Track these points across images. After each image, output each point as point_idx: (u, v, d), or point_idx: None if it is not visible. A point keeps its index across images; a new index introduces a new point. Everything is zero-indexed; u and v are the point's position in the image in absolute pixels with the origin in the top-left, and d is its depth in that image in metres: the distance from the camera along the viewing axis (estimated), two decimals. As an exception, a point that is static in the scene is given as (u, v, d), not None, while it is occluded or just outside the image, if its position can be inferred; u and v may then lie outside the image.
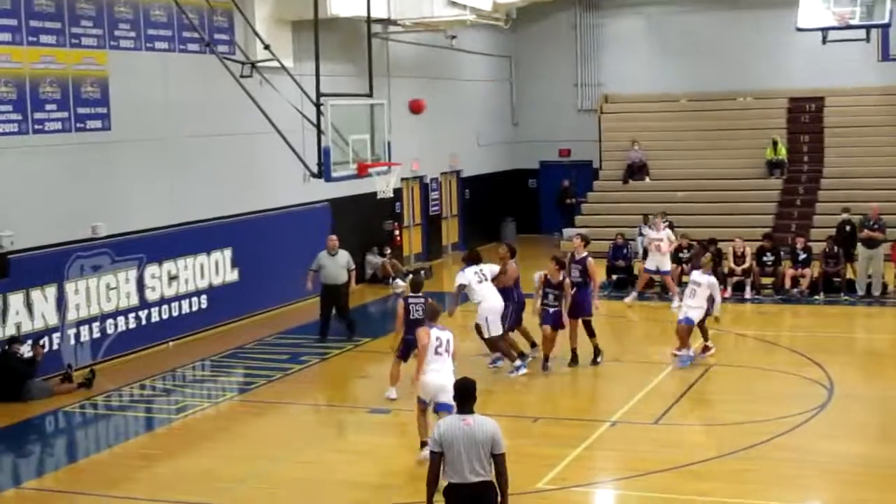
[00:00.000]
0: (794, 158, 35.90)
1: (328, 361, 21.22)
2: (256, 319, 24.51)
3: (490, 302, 19.39)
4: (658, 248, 26.08)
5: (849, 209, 28.09)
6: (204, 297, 23.54)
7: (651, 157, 36.91)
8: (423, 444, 13.81)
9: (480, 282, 19.51)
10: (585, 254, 20.30)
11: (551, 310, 19.39)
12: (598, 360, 19.96)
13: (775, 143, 35.41)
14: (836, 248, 26.59)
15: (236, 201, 24.68)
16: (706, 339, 20.22)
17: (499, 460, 9.71)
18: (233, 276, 24.39)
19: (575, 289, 19.85)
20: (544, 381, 19.39)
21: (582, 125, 39.17)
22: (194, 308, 23.27)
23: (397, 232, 31.95)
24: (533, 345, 20.33)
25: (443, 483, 9.82)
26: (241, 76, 22.46)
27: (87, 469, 15.34)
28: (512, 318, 19.78)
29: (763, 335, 22.69)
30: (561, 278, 19.59)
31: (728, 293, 26.53)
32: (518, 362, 19.41)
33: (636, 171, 36.68)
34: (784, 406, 17.03)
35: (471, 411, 9.85)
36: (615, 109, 39.05)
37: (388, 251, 30.19)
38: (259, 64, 22.74)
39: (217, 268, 24.00)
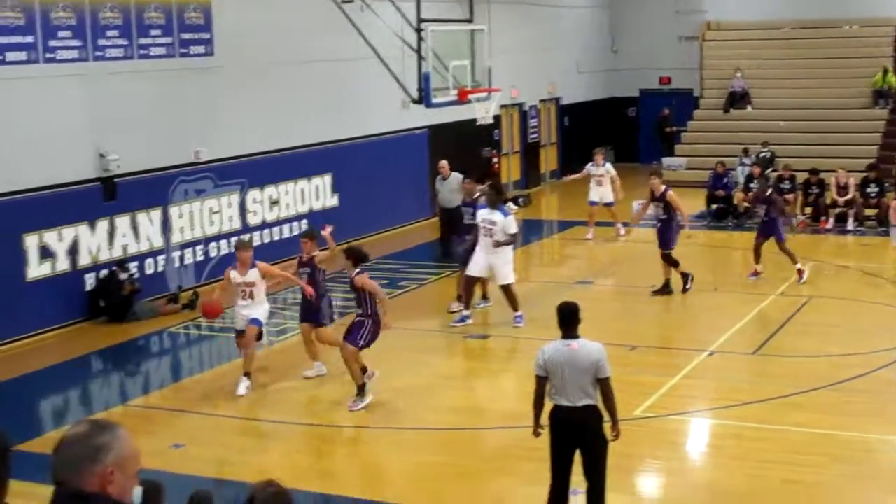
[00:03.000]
0: (901, 88, 35.10)
1: (425, 287, 21.38)
2: (356, 244, 24.66)
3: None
4: (600, 183, 25.77)
5: None
6: (304, 221, 23.80)
7: (753, 86, 36.31)
8: None
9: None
10: (664, 188, 20.05)
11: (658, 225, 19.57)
12: (688, 286, 19.85)
13: (886, 72, 34.56)
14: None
15: (336, 127, 24.84)
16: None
17: (605, 384, 9.78)
18: (332, 201, 24.63)
19: (659, 224, 19.80)
20: (642, 308, 19.37)
21: (683, 53, 38.64)
22: (295, 232, 23.53)
23: (496, 159, 31.91)
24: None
25: (548, 405, 9.91)
26: (343, 2, 22.49)
27: (191, 388, 15.69)
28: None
29: (865, 267, 22.39)
30: (663, 189, 19.72)
31: (830, 224, 26.24)
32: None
33: (738, 99, 36.13)
34: (884, 339, 16.85)
35: (575, 335, 9.89)
36: (717, 37, 38.44)
37: (488, 179, 30.13)
38: (360, -11, 22.76)
39: (317, 193, 24.24)
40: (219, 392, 15.10)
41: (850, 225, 26.33)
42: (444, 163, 22.94)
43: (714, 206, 27.96)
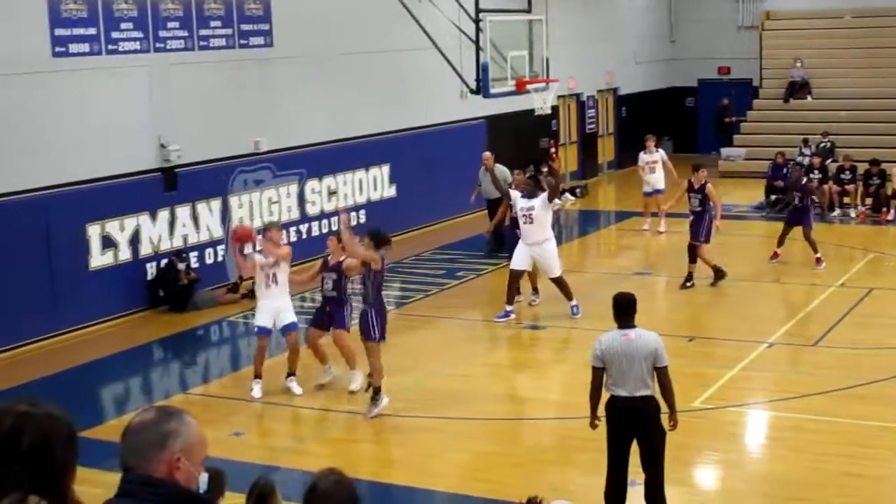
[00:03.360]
0: (964, 77, 34.66)
1: (483, 277, 21.41)
2: (413, 235, 24.79)
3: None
4: (653, 169, 25.53)
5: None
6: (362, 211, 23.89)
7: (813, 76, 35.97)
8: None
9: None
10: (704, 181, 19.86)
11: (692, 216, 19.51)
12: (715, 283, 19.68)
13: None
14: None
15: (393, 118, 24.89)
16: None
17: (662, 373, 9.78)
18: (390, 191, 24.71)
19: (693, 217, 19.70)
20: (700, 299, 19.28)
21: (742, 42, 38.32)
22: (353, 223, 23.57)
23: (554, 149, 31.84)
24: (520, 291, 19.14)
25: (605, 396, 9.93)
26: (400, -8, 22.53)
27: (249, 377, 15.76)
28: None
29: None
30: (704, 182, 19.70)
31: (891, 216, 25.97)
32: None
33: (798, 89, 35.81)
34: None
35: (632, 325, 9.89)
36: (776, 26, 38.09)
37: (545, 169, 30.09)
38: (418, -20, 22.78)
39: (375, 183, 24.33)
40: (276, 381, 15.19)
41: (908, 215, 26.06)
42: (487, 154, 22.62)
43: (773, 197, 27.72)
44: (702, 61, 39.09)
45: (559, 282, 17.97)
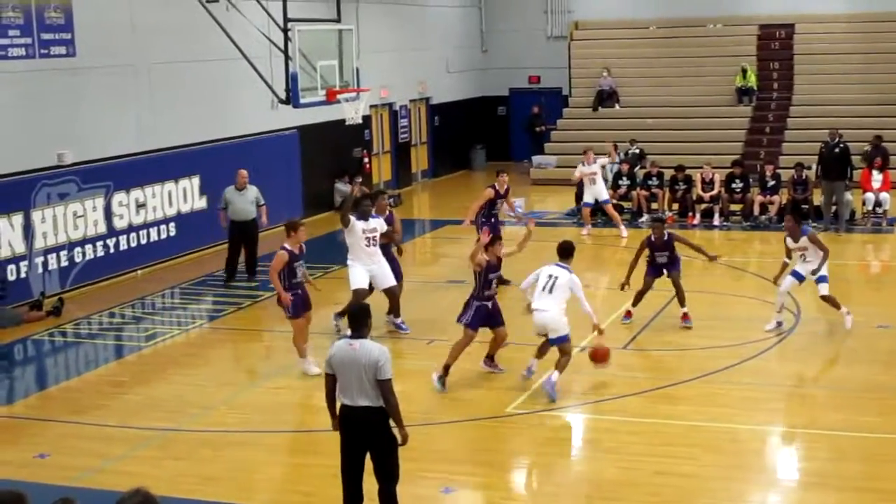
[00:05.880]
0: (763, 86, 35.90)
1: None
2: (225, 247, 24.35)
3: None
4: (593, 181, 26.10)
5: (841, 134, 26.79)
6: (172, 224, 23.44)
7: (621, 84, 36.81)
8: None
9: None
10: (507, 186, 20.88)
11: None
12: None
13: (745, 71, 35.38)
14: (804, 175, 26.62)
15: (204, 128, 24.51)
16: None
17: (383, 386, 9.74)
18: (201, 203, 24.28)
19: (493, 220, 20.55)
20: (517, 305, 19.41)
21: (552, 52, 38.99)
22: (163, 236, 23.18)
23: (366, 159, 31.83)
24: None
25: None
26: (208, 1, 22.21)
27: (58, 396, 15.33)
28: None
29: (732, 262, 22.76)
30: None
31: (697, 220, 26.68)
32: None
33: (606, 98, 36.59)
34: (752, 331, 17.16)
35: (362, 336, 9.88)
36: (585, 36, 38.84)
37: (359, 179, 30.02)
38: (225, -12, 22.50)
39: (185, 195, 23.88)
40: (86, 400, 14.76)
41: (717, 220, 26.78)
42: (243, 172, 21.75)
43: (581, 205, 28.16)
44: (513, 70, 39.62)
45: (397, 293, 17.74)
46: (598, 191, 26.20)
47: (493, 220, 20.57)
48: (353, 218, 16.93)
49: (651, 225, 19.26)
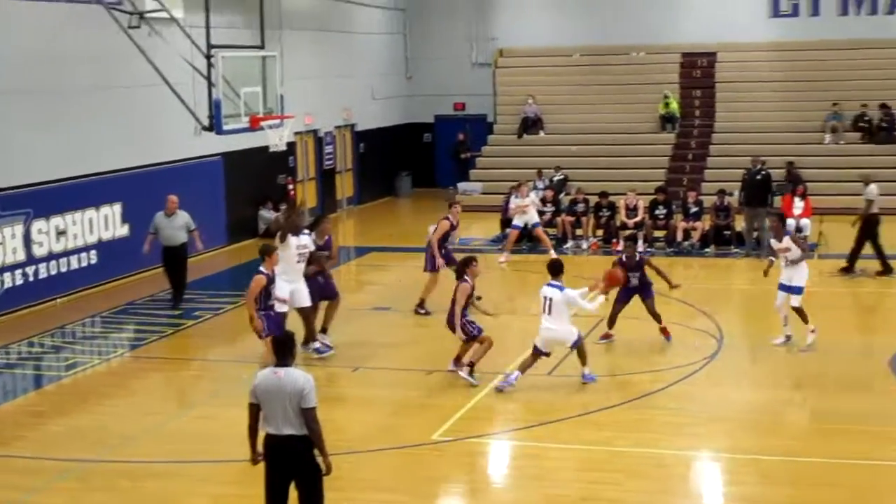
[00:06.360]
0: (686, 113, 36.34)
1: (221, 316, 21.00)
2: (147, 275, 24.10)
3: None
4: (525, 211, 26.27)
5: (763, 161, 27.33)
6: (93, 252, 23.14)
7: (546, 112, 37.04)
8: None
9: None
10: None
11: None
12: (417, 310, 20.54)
13: (667, 98, 35.76)
14: (726, 201, 26.90)
15: (126, 155, 24.25)
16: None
17: (307, 415, 9.71)
18: (123, 230, 24.00)
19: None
20: (440, 332, 19.37)
21: (476, 79, 39.15)
22: (83, 264, 22.87)
23: (291, 186, 31.70)
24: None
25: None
26: (130, 27, 22.02)
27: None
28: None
29: (655, 287, 22.83)
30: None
31: (621, 246, 26.74)
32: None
33: (531, 125, 36.79)
34: (676, 356, 17.28)
35: (286, 364, 9.84)
36: (510, 63, 39.06)
37: (284, 206, 29.85)
38: (147, 14, 22.32)
39: (107, 223, 23.58)
40: (4, 431, 14.49)
41: (640, 246, 26.90)
42: (173, 198, 21.58)
43: (508, 230, 28.20)
44: (438, 97, 39.72)
45: (308, 314, 17.67)
46: (529, 217, 26.33)
47: (444, 250, 20.78)
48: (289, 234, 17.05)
49: (625, 245, 20.07)
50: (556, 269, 15.96)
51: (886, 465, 12.94)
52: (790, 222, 26.65)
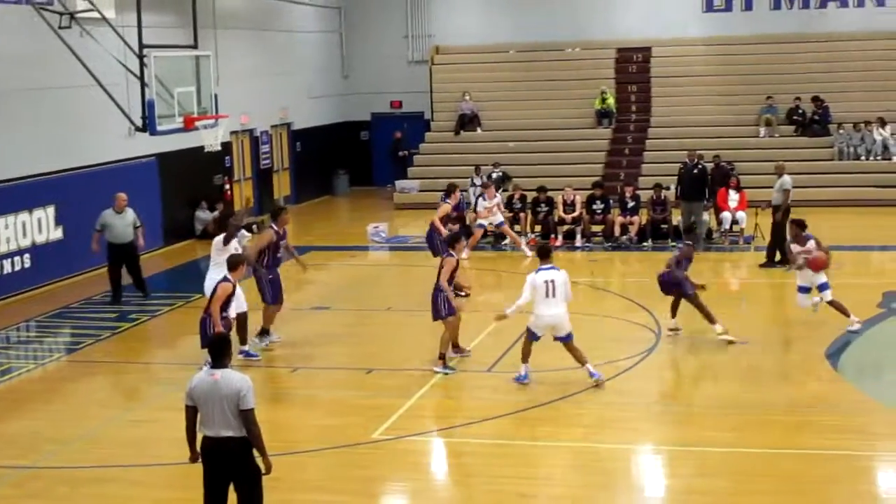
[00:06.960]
0: (622, 108, 36.51)
1: (158, 318, 20.83)
2: (83, 278, 23.86)
3: None
4: (491, 211, 26.55)
5: (700, 154, 27.44)
6: (27, 255, 22.86)
7: (482, 109, 37.07)
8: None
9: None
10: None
11: None
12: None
13: (604, 94, 35.91)
14: (663, 195, 27.06)
15: (59, 157, 23.95)
16: None
17: (246, 416, 9.69)
18: (57, 233, 23.72)
19: None
20: (378, 332, 19.37)
21: (413, 77, 39.14)
22: (17, 268, 22.58)
23: (227, 186, 31.52)
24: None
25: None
26: (60, 27, 21.77)
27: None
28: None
29: (593, 282, 23.01)
30: None
31: (559, 241, 26.89)
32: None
33: (468, 122, 36.81)
34: (614, 350, 17.32)
35: (222, 366, 9.80)
36: (446, 61, 39.07)
37: (220, 206, 29.70)
38: (78, 14, 22.08)
39: (40, 226, 23.30)
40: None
41: (578, 241, 27.06)
42: (122, 195, 21.58)
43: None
44: (375, 95, 39.67)
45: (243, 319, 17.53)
46: (494, 217, 26.68)
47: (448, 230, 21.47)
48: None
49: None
50: (546, 252, 15.82)
51: (824, 453, 13.06)
52: (725, 215, 26.88)
